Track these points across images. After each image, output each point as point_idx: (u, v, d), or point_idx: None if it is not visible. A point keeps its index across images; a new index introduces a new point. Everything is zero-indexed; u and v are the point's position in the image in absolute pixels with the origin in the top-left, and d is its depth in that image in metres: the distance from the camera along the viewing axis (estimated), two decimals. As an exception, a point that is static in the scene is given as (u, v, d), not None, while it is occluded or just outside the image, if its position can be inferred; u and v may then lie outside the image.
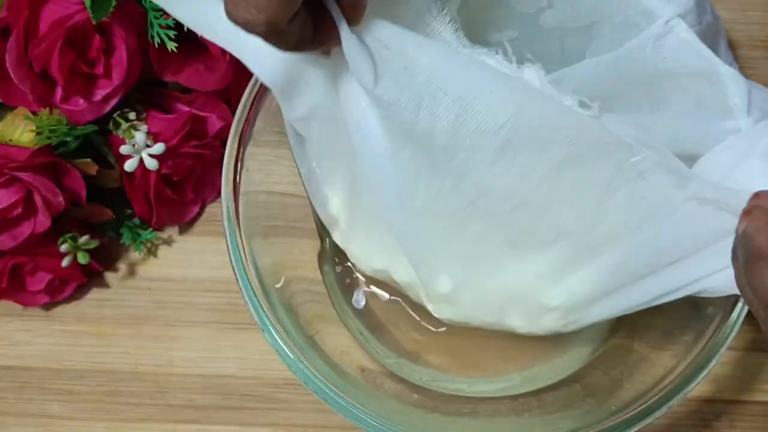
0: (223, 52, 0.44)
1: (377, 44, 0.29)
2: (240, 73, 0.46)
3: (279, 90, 0.32)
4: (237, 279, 0.39)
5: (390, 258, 0.39)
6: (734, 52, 0.51)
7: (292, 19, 0.26)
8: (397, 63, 0.29)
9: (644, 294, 0.34)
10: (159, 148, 0.44)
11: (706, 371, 0.37)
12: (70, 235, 0.45)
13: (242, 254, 0.39)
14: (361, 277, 0.46)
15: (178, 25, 0.42)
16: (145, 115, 0.45)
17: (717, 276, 0.32)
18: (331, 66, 0.31)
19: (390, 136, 0.31)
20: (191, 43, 0.44)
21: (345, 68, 0.30)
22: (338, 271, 0.47)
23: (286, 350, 0.38)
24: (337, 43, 0.29)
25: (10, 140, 0.43)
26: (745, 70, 0.50)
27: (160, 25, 0.42)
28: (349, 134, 0.32)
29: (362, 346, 0.45)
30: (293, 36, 0.27)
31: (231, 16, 0.26)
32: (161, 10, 0.42)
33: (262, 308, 0.38)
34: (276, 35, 0.27)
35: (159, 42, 0.42)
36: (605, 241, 0.33)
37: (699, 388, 0.37)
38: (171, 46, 0.42)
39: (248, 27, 0.26)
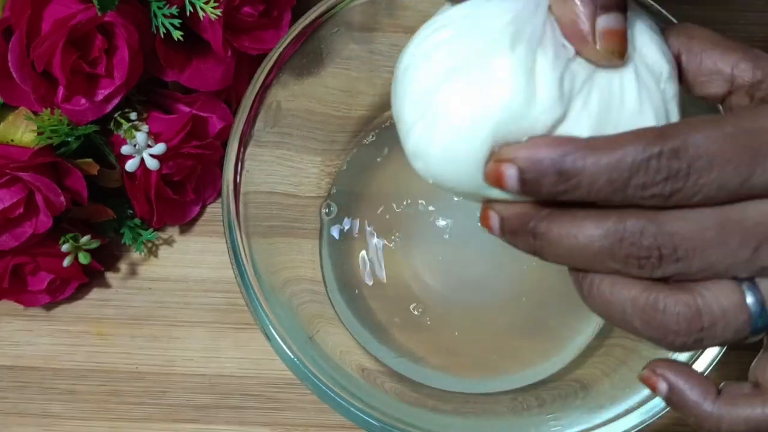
0: (225, 51, 0.44)
1: None
2: (240, 73, 0.46)
3: None
4: (237, 279, 0.39)
5: None
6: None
7: None
8: None
9: None
10: (160, 148, 0.44)
11: (705, 371, 0.37)
12: (71, 235, 0.45)
13: (242, 254, 0.39)
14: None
15: (182, 16, 0.42)
16: (146, 115, 0.45)
17: None
18: None
19: None
20: (194, 41, 0.45)
21: None
22: (338, 269, 0.47)
23: (286, 350, 0.38)
24: None
25: (12, 140, 0.44)
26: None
27: (164, 15, 0.42)
28: None
29: (362, 346, 0.45)
30: None
31: None
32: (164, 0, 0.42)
33: (262, 308, 0.38)
34: None
35: (165, 32, 0.42)
36: None
37: (698, 387, 0.37)
38: (177, 34, 0.42)
39: None
